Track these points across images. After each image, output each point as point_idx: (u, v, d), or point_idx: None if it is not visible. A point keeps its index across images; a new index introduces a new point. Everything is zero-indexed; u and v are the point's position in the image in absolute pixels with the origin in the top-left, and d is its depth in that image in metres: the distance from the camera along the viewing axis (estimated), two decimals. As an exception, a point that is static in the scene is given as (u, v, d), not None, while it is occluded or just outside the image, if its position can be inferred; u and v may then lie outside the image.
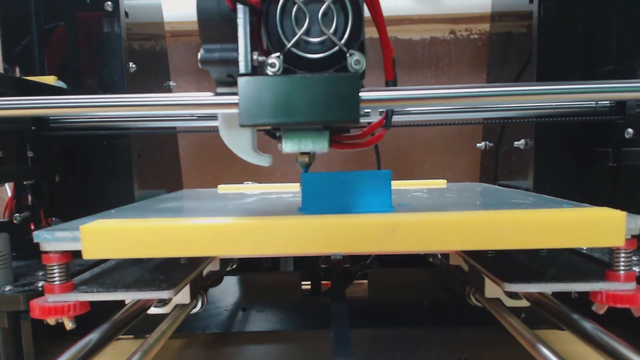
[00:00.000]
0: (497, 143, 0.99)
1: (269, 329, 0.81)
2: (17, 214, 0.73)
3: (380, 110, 0.51)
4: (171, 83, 1.07)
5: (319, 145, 0.46)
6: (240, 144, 0.50)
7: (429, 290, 0.86)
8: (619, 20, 0.73)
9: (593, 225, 0.41)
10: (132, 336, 0.74)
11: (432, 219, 0.42)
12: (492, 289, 0.55)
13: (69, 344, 0.44)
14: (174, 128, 0.81)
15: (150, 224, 0.42)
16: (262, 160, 0.50)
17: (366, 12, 0.44)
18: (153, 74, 0.96)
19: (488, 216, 0.42)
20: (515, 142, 0.85)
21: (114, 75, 0.80)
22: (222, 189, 0.90)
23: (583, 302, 0.47)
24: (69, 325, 0.45)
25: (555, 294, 0.51)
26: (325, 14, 0.41)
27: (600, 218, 0.41)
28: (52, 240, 0.44)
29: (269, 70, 0.41)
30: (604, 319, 0.46)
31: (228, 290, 0.89)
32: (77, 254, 0.45)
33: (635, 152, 0.66)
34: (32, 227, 0.75)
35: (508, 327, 0.52)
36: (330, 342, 0.47)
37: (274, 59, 0.41)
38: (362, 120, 0.50)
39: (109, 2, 0.79)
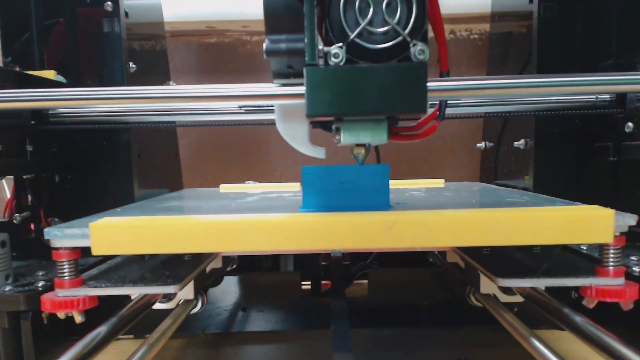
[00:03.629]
0: (497, 143, 0.99)
1: (269, 329, 0.81)
2: (17, 214, 0.73)
3: (432, 102, 0.51)
4: (171, 83, 1.07)
5: (377, 136, 0.46)
6: (296, 136, 0.50)
7: (429, 290, 0.86)
8: (619, 18, 0.73)
9: (583, 223, 0.42)
10: (132, 336, 0.74)
11: (427, 217, 0.43)
12: (487, 285, 0.56)
13: (69, 344, 0.44)
14: (174, 122, 0.81)
15: (157, 221, 0.44)
16: (317, 152, 0.51)
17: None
18: (153, 74, 0.96)
19: (482, 214, 0.43)
20: (515, 142, 0.85)
21: (114, 75, 0.80)
22: (224, 188, 0.90)
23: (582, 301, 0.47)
24: (78, 318, 0.47)
25: (555, 293, 0.51)
26: (388, 4, 0.41)
27: (590, 216, 0.42)
28: (63, 237, 0.45)
29: (332, 61, 0.41)
30: (601, 316, 0.47)
31: (228, 290, 0.89)
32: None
33: (636, 146, 0.66)
34: (32, 227, 0.75)
35: (506, 325, 0.52)
36: (330, 342, 0.47)
37: (337, 49, 0.41)
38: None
39: (109, 2, 0.79)
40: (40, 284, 0.58)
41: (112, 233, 0.43)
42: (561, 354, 0.44)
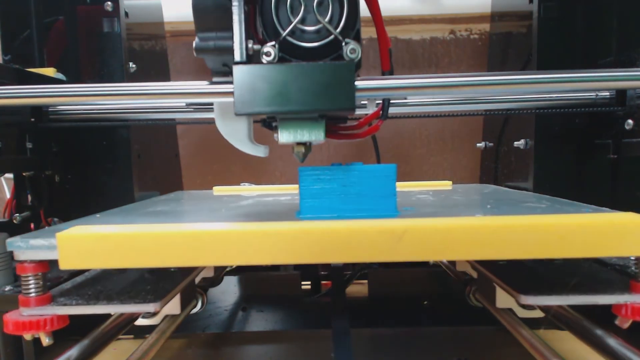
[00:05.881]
0: (497, 143, 0.99)
1: (269, 329, 0.81)
2: (17, 214, 0.73)
3: (377, 101, 0.51)
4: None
5: (314, 135, 0.46)
6: (236, 133, 0.49)
7: (429, 289, 0.86)
8: (619, 17, 0.73)
9: (622, 233, 0.37)
10: (132, 336, 0.74)
11: (442, 226, 0.38)
12: (504, 299, 0.51)
13: (69, 344, 0.44)
14: (174, 120, 0.81)
15: (132, 231, 0.39)
16: (258, 151, 0.50)
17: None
18: (153, 74, 0.96)
19: (504, 222, 0.38)
20: (515, 142, 0.85)
21: (114, 75, 0.80)
22: (218, 190, 0.87)
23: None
24: (45, 341, 0.42)
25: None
26: (320, 2, 0.42)
27: (627, 224, 0.37)
28: (27, 248, 0.40)
29: (264, 59, 0.41)
30: (605, 319, 0.44)
31: (228, 290, 0.89)
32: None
33: (636, 144, 0.66)
34: (32, 227, 0.75)
35: (506, 325, 0.52)
36: (330, 342, 0.47)
37: (269, 47, 0.41)
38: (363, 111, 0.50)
39: (109, 2, 0.79)
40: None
41: (82, 245, 0.38)
42: (561, 354, 0.44)
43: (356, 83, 0.42)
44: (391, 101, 0.56)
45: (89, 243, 0.38)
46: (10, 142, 0.67)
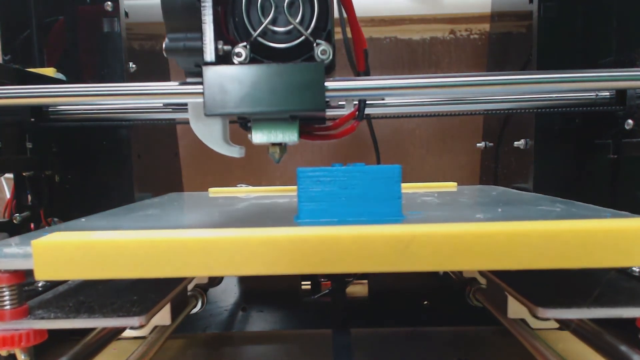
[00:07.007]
0: (497, 143, 0.99)
1: (269, 329, 0.81)
2: (17, 214, 0.73)
3: (355, 102, 0.51)
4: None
5: (288, 136, 0.45)
6: (211, 134, 0.49)
7: (429, 290, 0.86)
8: (619, 17, 0.73)
9: None
10: (132, 336, 0.74)
11: (453, 233, 0.35)
12: (516, 309, 0.49)
13: (69, 344, 0.44)
14: (174, 120, 0.80)
15: (113, 239, 0.36)
16: (233, 152, 0.49)
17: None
18: (153, 74, 0.96)
19: (523, 229, 0.35)
20: (515, 142, 0.85)
21: (114, 75, 0.80)
22: (213, 192, 0.85)
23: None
24: (21, 358, 0.39)
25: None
26: (291, 3, 0.42)
27: None
28: (0, 257, 0.37)
29: (235, 60, 0.41)
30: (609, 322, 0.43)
31: (228, 290, 0.89)
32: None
33: (635, 143, 0.66)
34: (32, 227, 0.75)
35: (506, 324, 0.51)
36: (330, 342, 0.47)
37: (241, 48, 0.41)
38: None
39: (109, 2, 0.79)
40: (41, 283, 0.58)
41: (59, 254, 0.35)
42: (561, 354, 0.44)
43: (327, 84, 0.42)
44: (388, 101, 0.56)
45: (66, 251, 0.35)
46: (10, 142, 0.67)
